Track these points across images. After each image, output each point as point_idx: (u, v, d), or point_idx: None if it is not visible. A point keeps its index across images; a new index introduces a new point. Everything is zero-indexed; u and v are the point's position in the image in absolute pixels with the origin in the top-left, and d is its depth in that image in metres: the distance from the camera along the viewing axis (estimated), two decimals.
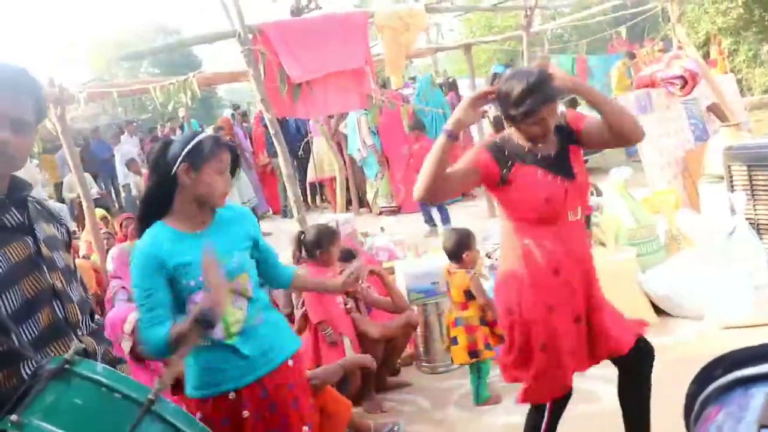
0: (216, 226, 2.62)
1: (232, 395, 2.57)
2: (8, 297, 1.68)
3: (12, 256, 1.71)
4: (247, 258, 2.67)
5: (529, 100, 2.77)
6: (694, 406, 1.11)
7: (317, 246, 4.56)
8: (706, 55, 13.73)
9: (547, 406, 3.11)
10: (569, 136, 3.03)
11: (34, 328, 1.73)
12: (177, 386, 3.96)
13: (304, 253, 4.65)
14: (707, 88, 8.33)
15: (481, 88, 2.90)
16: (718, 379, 1.06)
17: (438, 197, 3.03)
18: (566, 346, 2.98)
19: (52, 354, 1.75)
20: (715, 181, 6.08)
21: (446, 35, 27.61)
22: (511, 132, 2.98)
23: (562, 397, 3.14)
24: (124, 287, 5.67)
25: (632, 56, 12.51)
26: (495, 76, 2.87)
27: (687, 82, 7.58)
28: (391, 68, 6.41)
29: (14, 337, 1.65)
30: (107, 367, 1.63)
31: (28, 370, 1.67)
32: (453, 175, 2.91)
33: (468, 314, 4.41)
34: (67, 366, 1.54)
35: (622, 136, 2.92)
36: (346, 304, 4.63)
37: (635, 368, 3.18)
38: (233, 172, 2.63)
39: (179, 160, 2.48)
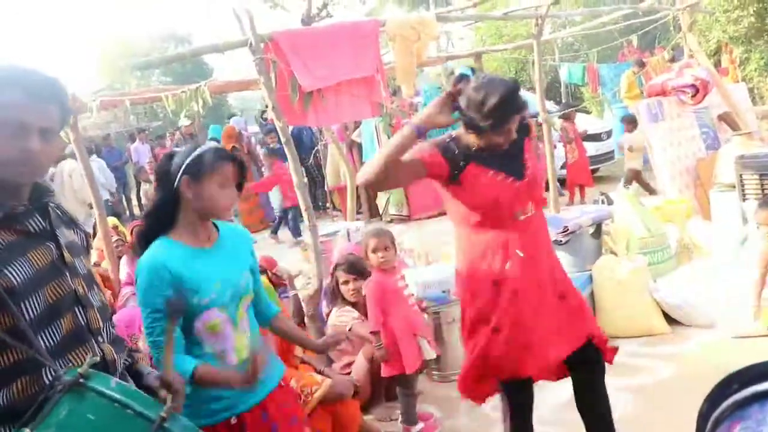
0: (223, 242, 2.57)
1: (233, 420, 2.49)
2: (32, 303, 1.69)
3: (36, 262, 1.72)
4: (250, 278, 2.64)
5: (501, 112, 2.73)
6: (707, 425, 1.10)
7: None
8: (717, 64, 13.68)
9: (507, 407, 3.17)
10: (525, 129, 3.02)
11: (56, 335, 1.74)
12: None
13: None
14: (718, 97, 8.32)
15: (446, 90, 2.84)
16: (734, 394, 1.05)
17: (383, 187, 3.02)
18: (495, 354, 3.00)
19: (73, 361, 1.76)
20: (727, 190, 6.06)
21: (456, 44, 27.74)
22: (460, 132, 2.95)
23: (524, 399, 3.18)
24: (135, 294, 5.70)
25: (641, 65, 12.50)
26: (461, 77, 2.79)
27: (698, 90, 7.58)
28: (402, 77, 6.42)
29: (34, 345, 1.65)
30: (120, 382, 1.64)
31: (50, 377, 1.67)
32: (400, 167, 2.88)
33: None
34: (81, 380, 1.54)
35: None
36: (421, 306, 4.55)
37: (589, 374, 3.20)
38: (241, 184, 2.55)
39: (180, 172, 2.41)
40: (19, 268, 1.68)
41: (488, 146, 2.88)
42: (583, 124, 11.54)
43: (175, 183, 2.42)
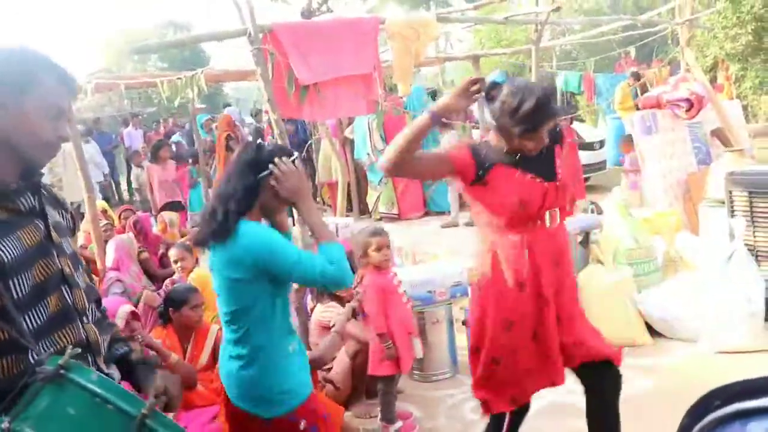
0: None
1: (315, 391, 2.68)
2: (20, 281, 1.68)
3: (25, 240, 1.72)
4: None
5: (534, 118, 2.74)
6: None
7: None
8: (713, 80, 13.75)
9: (506, 417, 3.12)
10: (557, 136, 3.02)
11: (43, 314, 1.73)
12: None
13: None
14: (713, 113, 8.35)
15: (470, 77, 2.85)
16: (715, 411, 1.04)
17: (402, 174, 3.01)
18: (522, 364, 2.98)
19: (60, 341, 1.75)
20: (716, 206, 6.08)
21: (455, 45, 27.76)
22: (491, 136, 2.96)
23: (520, 409, 3.14)
24: (120, 280, 5.66)
25: (637, 77, 12.53)
26: (494, 85, 2.79)
27: (693, 105, 7.61)
28: (399, 76, 6.41)
29: (17, 325, 1.64)
30: (102, 375, 1.62)
31: (33, 358, 1.66)
32: (424, 158, 2.90)
33: None
34: (62, 371, 1.53)
35: None
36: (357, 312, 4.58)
37: (601, 391, 3.13)
38: None
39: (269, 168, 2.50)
40: (10, 245, 1.67)
41: (518, 151, 2.88)
42: (578, 132, 11.57)
43: (263, 173, 2.50)
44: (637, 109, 8.67)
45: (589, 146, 12.10)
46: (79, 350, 1.72)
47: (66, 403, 1.52)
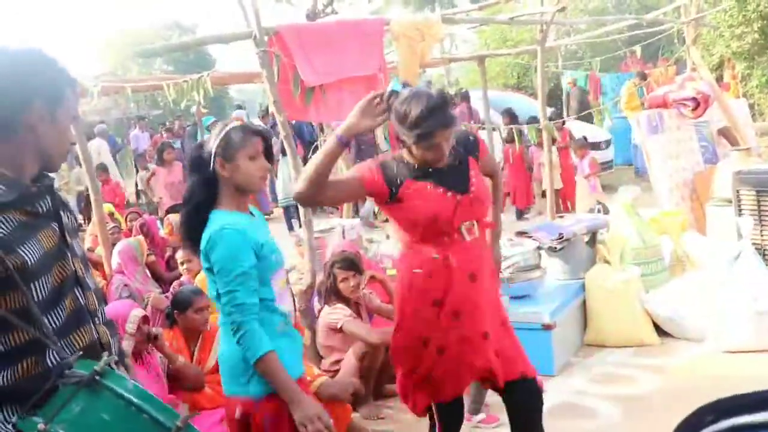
0: (258, 217, 2.71)
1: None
2: (41, 283, 1.69)
3: (45, 242, 1.73)
4: None
5: (424, 124, 2.67)
6: None
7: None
8: (719, 79, 13.71)
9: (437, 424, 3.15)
10: (473, 147, 2.98)
11: (61, 316, 1.75)
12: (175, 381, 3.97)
13: None
14: (719, 112, 8.33)
15: (370, 94, 2.73)
16: (708, 426, 1.02)
17: (318, 202, 2.99)
18: (436, 374, 2.96)
19: (75, 342, 1.76)
20: (723, 205, 6.07)
21: (460, 46, 27.75)
22: (404, 152, 2.90)
23: (450, 411, 3.13)
24: (126, 285, 5.67)
25: (643, 77, 12.50)
26: (392, 93, 2.71)
27: (699, 104, 7.58)
28: (404, 77, 6.40)
29: (43, 327, 1.65)
30: (137, 384, 1.63)
31: (53, 359, 1.68)
32: (336, 184, 2.85)
33: None
34: (96, 377, 1.54)
35: None
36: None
37: (524, 407, 3.04)
38: (269, 160, 2.65)
39: (213, 155, 2.52)
40: (32, 248, 1.68)
41: (423, 163, 2.83)
42: (583, 132, 11.55)
43: (211, 166, 2.53)
44: (643, 108, 8.66)
45: (595, 146, 12.08)
46: (115, 358, 1.75)
47: (101, 409, 1.53)
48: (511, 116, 11.23)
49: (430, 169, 2.85)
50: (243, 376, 2.50)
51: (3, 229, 1.64)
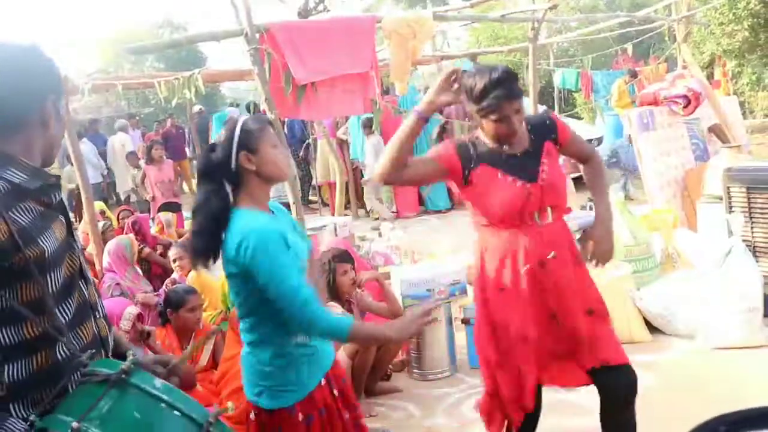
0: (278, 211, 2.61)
1: (323, 382, 2.52)
2: (55, 275, 1.68)
3: (58, 234, 1.72)
4: None
5: (491, 95, 2.72)
6: None
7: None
8: (710, 77, 13.76)
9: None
10: (549, 130, 2.98)
11: (70, 309, 1.73)
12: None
13: None
14: (710, 109, 8.36)
15: (450, 70, 2.78)
16: None
17: (398, 182, 2.99)
18: (519, 362, 2.94)
19: (81, 336, 1.75)
20: (714, 202, 6.09)
21: (452, 44, 27.67)
22: (479, 132, 2.93)
23: (527, 420, 3.08)
24: (118, 283, 5.66)
25: (634, 75, 12.54)
26: (465, 72, 2.78)
27: (690, 101, 7.62)
28: (396, 74, 6.41)
29: (56, 320, 1.65)
30: (165, 382, 1.63)
31: (62, 353, 1.67)
32: (416, 163, 2.88)
33: None
34: (123, 375, 1.54)
35: None
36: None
37: (617, 393, 3.05)
38: None
39: (235, 151, 2.40)
40: (49, 238, 1.67)
41: (497, 141, 2.85)
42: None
43: (233, 164, 2.40)
44: (634, 105, 8.69)
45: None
46: (139, 357, 1.75)
47: (131, 407, 1.53)
48: None
49: (503, 156, 2.87)
50: (256, 387, 2.48)
51: (25, 218, 1.63)
